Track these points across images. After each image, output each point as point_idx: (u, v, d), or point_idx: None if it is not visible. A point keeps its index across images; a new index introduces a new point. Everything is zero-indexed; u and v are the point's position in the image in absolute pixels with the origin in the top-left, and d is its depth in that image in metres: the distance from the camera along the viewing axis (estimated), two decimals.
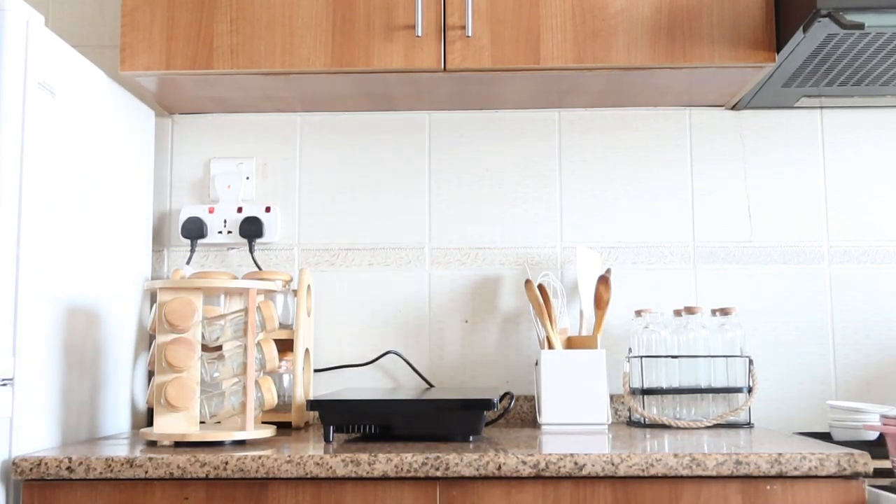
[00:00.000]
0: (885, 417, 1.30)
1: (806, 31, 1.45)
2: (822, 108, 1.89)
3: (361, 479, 1.24)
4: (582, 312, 1.74)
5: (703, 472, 1.22)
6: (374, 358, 1.86)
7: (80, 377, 1.49)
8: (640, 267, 1.87)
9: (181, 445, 1.35)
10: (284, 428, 1.67)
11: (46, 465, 1.24)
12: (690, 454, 1.22)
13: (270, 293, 1.73)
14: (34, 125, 1.34)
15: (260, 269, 1.87)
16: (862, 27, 1.39)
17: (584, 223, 1.88)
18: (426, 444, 1.35)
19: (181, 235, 1.86)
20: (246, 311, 1.42)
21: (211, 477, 1.23)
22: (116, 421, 1.63)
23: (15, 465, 1.24)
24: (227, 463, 1.23)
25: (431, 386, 1.83)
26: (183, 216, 1.87)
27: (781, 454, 1.22)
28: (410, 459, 1.23)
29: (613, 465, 1.22)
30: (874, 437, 1.59)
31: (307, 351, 1.73)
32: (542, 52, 1.60)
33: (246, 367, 1.41)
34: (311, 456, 1.23)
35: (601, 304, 1.71)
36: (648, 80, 1.69)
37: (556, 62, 1.60)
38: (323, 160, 1.91)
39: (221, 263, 1.89)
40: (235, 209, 1.88)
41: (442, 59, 1.60)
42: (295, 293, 1.78)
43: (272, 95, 1.79)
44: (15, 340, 1.29)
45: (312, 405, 1.41)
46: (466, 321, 1.86)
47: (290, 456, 1.23)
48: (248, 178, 1.90)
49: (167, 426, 1.36)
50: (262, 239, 1.87)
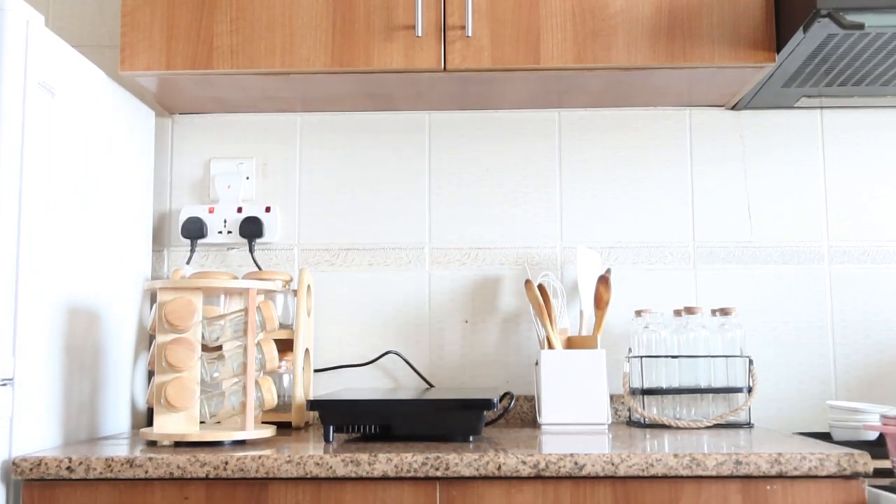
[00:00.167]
0: (885, 417, 1.30)
1: (806, 31, 1.45)
2: (822, 108, 1.89)
3: (361, 479, 1.25)
4: (582, 312, 1.74)
5: (703, 472, 1.22)
6: (374, 358, 1.86)
7: (80, 377, 1.49)
8: (639, 267, 1.86)
9: (181, 445, 1.35)
10: (284, 428, 1.67)
11: (46, 465, 1.24)
12: (690, 454, 1.22)
13: (270, 293, 1.73)
14: (34, 125, 1.34)
15: (260, 269, 1.88)
16: (862, 27, 1.39)
17: (584, 223, 1.88)
18: (426, 444, 1.35)
19: (181, 235, 1.86)
20: (246, 311, 1.42)
21: (211, 477, 1.23)
22: (116, 421, 1.63)
23: (15, 465, 1.24)
24: (226, 463, 1.23)
25: (431, 386, 1.83)
26: (183, 216, 1.87)
27: (781, 454, 1.22)
28: (410, 459, 1.23)
29: (613, 465, 1.22)
30: (874, 437, 1.58)
31: (307, 351, 1.73)
32: (541, 52, 1.60)
33: (246, 367, 1.41)
34: (311, 456, 1.23)
35: (601, 304, 1.71)
36: (648, 80, 1.69)
37: (555, 62, 1.60)
38: (323, 160, 1.91)
39: (221, 263, 1.89)
40: (235, 209, 1.88)
41: (442, 59, 1.60)
42: (295, 293, 1.78)
43: (272, 95, 1.79)
44: (15, 340, 1.29)
45: (312, 405, 1.41)
46: (466, 321, 1.86)
47: (290, 456, 1.23)
48: (248, 178, 1.90)
49: (167, 426, 1.36)
50: (262, 239, 1.87)
